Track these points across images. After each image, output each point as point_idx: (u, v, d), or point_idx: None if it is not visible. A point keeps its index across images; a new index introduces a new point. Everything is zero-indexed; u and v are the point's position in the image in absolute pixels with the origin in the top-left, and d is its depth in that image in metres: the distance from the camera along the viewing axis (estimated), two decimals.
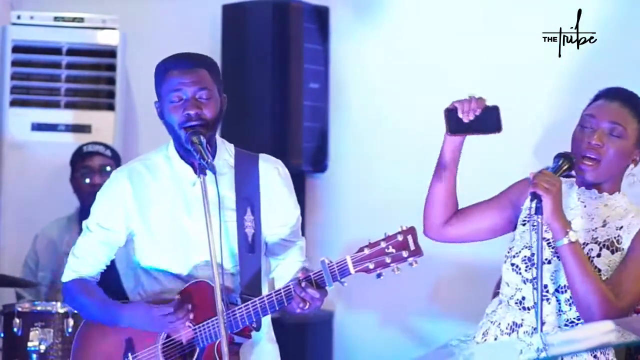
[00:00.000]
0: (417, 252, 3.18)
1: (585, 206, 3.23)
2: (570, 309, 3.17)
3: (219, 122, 3.50)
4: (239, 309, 3.34)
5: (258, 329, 3.45)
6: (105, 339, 3.52)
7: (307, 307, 3.27)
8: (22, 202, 5.55)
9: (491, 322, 3.31)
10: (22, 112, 5.61)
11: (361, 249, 3.21)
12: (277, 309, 3.32)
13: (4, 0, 5.86)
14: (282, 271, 3.57)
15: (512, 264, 3.27)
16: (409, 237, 3.19)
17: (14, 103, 5.61)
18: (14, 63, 5.61)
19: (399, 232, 3.19)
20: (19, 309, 4.41)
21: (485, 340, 3.29)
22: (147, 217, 3.50)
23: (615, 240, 3.17)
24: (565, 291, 3.16)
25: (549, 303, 3.15)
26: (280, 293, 3.30)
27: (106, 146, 5.30)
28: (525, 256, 3.23)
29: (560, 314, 3.16)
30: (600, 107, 3.23)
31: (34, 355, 4.30)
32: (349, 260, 3.21)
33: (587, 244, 3.18)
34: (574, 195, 3.27)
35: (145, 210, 3.51)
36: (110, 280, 3.69)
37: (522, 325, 3.21)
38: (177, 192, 3.50)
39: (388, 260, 3.18)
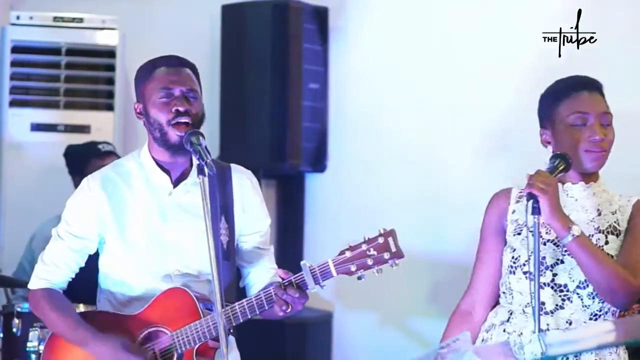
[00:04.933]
0: (398, 253, 3.21)
1: (576, 200, 3.25)
2: (593, 301, 3.18)
3: (201, 125, 3.49)
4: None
5: (234, 333, 3.46)
6: (76, 347, 3.47)
7: (289, 309, 3.28)
8: (22, 202, 5.55)
9: (508, 332, 3.29)
10: (22, 112, 5.61)
11: (342, 252, 3.24)
12: (258, 312, 3.32)
13: (3, 1, 5.85)
14: (255, 278, 3.58)
15: (525, 272, 3.24)
16: (390, 239, 3.21)
17: (13, 103, 5.60)
18: (13, 63, 5.61)
19: (380, 235, 3.22)
20: (18, 310, 4.40)
21: None
22: (122, 225, 3.48)
23: (616, 223, 3.22)
24: (587, 286, 3.17)
25: (572, 302, 3.17)
26: (261, 297, 3.30)
27: (113, 147, 5.29)
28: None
29: (585, 309, 3.17)
30: (587, 101, 3.27)
31: (33, 356, 4.29)
32: (331, 263, 3.23)
33: (592, 235, 3.19)
34: (562, 195, 3.28)
35: (120, 219, 3.48)
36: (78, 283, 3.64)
37: (549, 330, 3.20)
38: (153, 201, 3.48)
39: (370, 262, 3.21)
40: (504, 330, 3.30)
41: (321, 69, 6.00)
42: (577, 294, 3.17)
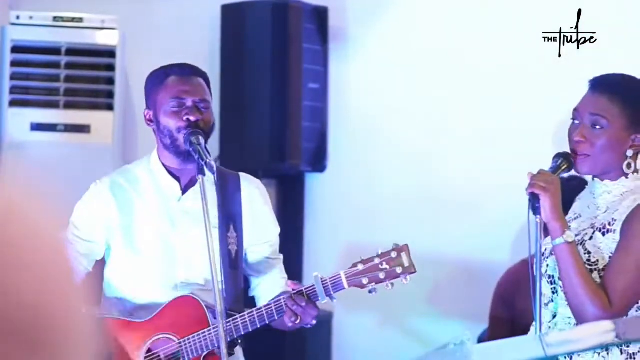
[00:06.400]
0: (410, 269, 3.23)
1: (594, 197, 3.22)
2: None
3: (210, 136, 3.49)
4: (227, 322, 3.33)
5: (242, 344, 3.46)
6: None
7: (298, 321, 3.27)
8: None
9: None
10: (21, 112, 5.60)
11: (355, 265, 3.25)
12: (267, 322, 3.33)
13: (3, 1, 5.84)
14: (264, 288, 3.57)
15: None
16: (403, 254, 3.23)
17: (13, 103, 5.59)
18: (13, 63, 5.60)
19: (393, 249, 3.24)
20: None
21: None
22: (130, 232, 3.48)
23: (608, 223, 3.14)
24: None
25: (558, 295, 3.14)
26: (271, 307, 3.30)
27: None
28: (542, 253, 3.23)
29: (567, 304, 3.14)
30: (583, 99, 3.23)
31: None
32: (343, 275, 3.25)
33: (585, 229, 3.16)
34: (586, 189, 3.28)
35: (127, 225, 3.48)
36: None
37: (543, 323, 3.21)
38: (162, 207, 3.48)
39: (382, 276, 3.22)
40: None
41: (321, 69, 6.00)
42: (560, 286, 3.15)
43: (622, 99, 3.17)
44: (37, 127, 5.60)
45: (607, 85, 3.20)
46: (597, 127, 3.15)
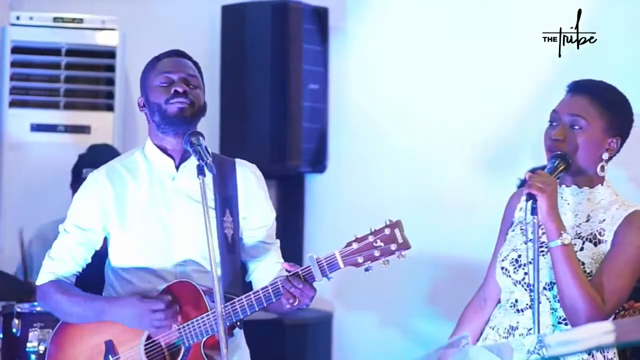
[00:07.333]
0: (405, 245, 3.20)
1: (568, 204, 3.23)
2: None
3: (201, 116, 3.49)
4: (225, 306, 3.33)
5: (242, 326, 3.46)
6: (82, 341, 3.50)
7: (296, 302, 3.27)
8: (22, 202, 5.54)
9: (490, 327, 3.31)
10: (22, 112, 5.61)
11: (349, 244, 3.23)
12: (265, 305, 3.32)
13: (3, 1, 5.85)
14: (261, 273, 3.58)
15: (502, 268, 3.26)
16: (396, 231, 3.20)
17: (13, 104, 5.60)
18: (13, 64, 5.60)
19: (386, 226, 3.21)
20: (18, 310, 4.40)
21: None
22: (124, 217, 3.50)
23: (598, 233, 3.15)
24: (552, 288, 3.15)
25: (540, 303, 3.13)
26: (268, 289, 3.30)
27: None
28: (512, 258, 3.23)
29: (553, 312, 3.15)
30: (563, 101, 3.25)
31: (33, 356, 4.29)
32: (338, 254, 3.22)
33: (573, 238, 3.16)
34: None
35: (122, 211, 3.50)
36: (86, 280, 3.64)
37: (517, 328, 3.21)
38: (156, 188, 3.50)
39: (377, 253, 3.20)
40: (489, 326, 3.31)
41: (321, 70, 6.00)
42: (545, 295, 3.16)
43: (601, 102, 3.20)
44: (37, 127, 5.61)
45: (587, 88, 3.24)
46: (576, 127, 3.17)
